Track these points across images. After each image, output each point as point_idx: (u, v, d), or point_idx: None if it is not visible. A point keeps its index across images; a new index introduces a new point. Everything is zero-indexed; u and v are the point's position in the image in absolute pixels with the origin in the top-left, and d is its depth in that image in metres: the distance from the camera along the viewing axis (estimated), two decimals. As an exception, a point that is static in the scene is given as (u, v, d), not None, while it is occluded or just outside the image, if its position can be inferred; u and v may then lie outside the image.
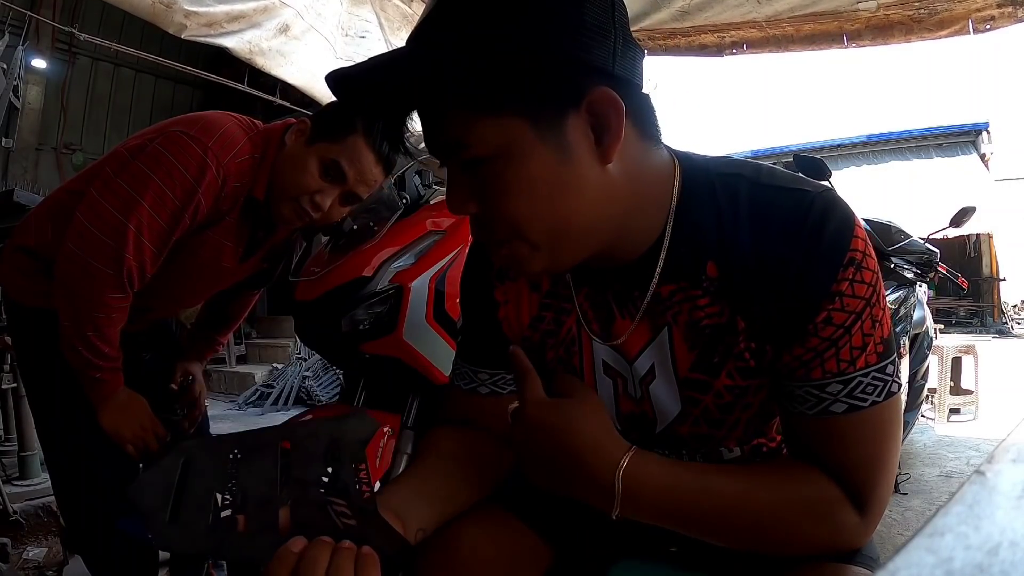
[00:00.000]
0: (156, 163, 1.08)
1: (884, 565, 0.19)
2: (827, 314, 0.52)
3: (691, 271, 0.57)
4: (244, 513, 0.51)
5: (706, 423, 0.60)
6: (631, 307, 0.60)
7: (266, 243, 1.32)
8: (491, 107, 0.50)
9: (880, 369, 0.53)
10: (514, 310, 0.69)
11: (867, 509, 0.55)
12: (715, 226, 0.56)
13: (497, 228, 0.54)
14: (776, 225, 0.54)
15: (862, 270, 0.52)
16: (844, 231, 0.53)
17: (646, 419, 0.63)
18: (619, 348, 0.62)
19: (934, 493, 2.39)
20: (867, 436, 0.54)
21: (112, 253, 1.06)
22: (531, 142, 0.50)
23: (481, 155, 0.51)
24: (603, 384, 0.64)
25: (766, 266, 0.54)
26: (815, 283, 0.52)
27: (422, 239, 1.37)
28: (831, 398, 0.53)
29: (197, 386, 1.45)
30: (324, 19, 3.21)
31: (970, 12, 2.42)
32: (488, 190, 0.53)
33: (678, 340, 0.59)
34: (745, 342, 0.56)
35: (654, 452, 0.64)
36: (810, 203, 0.54)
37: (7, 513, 1.92)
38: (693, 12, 2.82)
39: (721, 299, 0.56)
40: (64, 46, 5.01)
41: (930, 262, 2.59)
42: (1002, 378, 4.86)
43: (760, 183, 0.57)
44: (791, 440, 0.60)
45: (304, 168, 1.14)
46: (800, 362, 0.54)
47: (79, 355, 1.10)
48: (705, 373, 0.58)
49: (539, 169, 0.51)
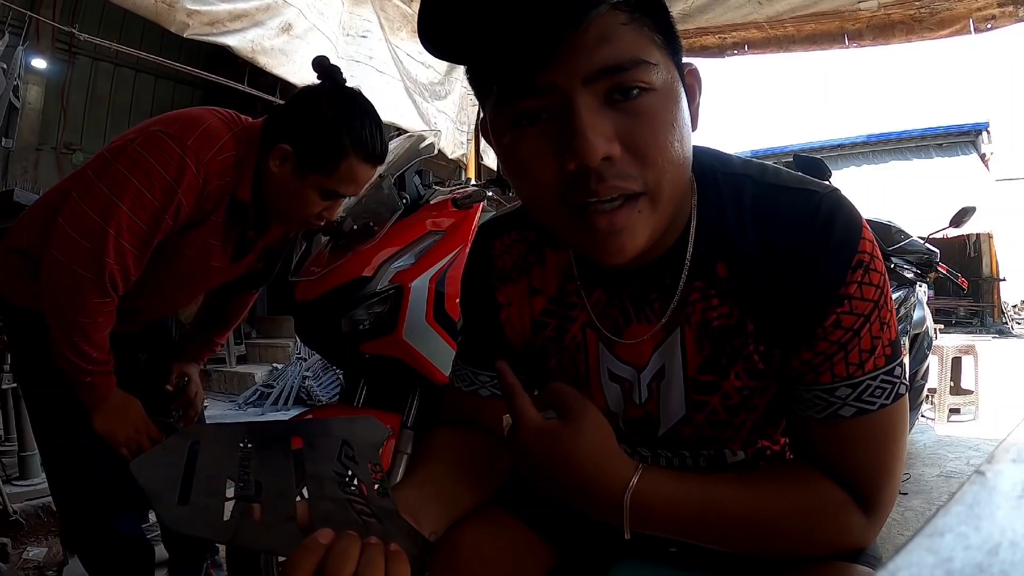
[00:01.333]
0: (135, 164, 1.06)
1: (884, 565, 0.19)
2: (836, 317, 0.52)
3: (707, 271, 0.57)
4: (259, 502, 0.51)
5: (710, 425, 0.60)
6: (648, 309, 0.60)
7: (259, 243, 1.31)
8: (665, 36, 0.50)
9: (888, 372, 0.53)
10: (516, 313, 0.68)
11: (874, 510, 0.55)
12: (722, 226, 0.56)
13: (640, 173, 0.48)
14: (782, 226, 0.53)
15: (870, 272, 0.52)
16: (852, 232, 0.52)
17: (650, 420, 0.63)
18: (629, 352, 0.61)
19: (934, 493, 2.39)
20: (875, 438, 0.54)
21: (93, 257, 1.05)
22: (679, 86, 0.51)
23: (649, 83, 0.47)
24: (610, 390, 0.64)
25: (773, 268, 0.53)
26: (823, 286, 0.52)
27: (422, 239, 1.37)
28: (840, 402, 0.53)
29: (193, 387, 1.44)
30: (326, 18, 3.21)
31: (971, 11, 2.42)
32: (642, 127, 0.47)
33: (690, 341, 0.58)
34: (754, 344, 0.56)
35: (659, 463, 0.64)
36: (817, 204, 0.53)
37: (7, 513, 1.92)
38: (695, 14, 2.82)
39: (730, 300, 0.56)
40: (64, 46, 5.01)
41: (930, 262, 2.59)
42: (1002, 378, 4.85)
43: (765, 183, 0.56)
44: (798, 442, 0.59)
45: (304, 200, 1.15)
46: (809, 367, 0.54)
47: (68, 360, 1.09)
48: (714, 374, 0.58)
49: (682, 116, 0.50)
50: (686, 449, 0.64)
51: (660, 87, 0.48)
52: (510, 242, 0.69)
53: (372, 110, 1.17)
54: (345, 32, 3.42)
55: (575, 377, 0.65)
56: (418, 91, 3.90)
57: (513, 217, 0.70)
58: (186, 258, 1.21)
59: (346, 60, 3.40)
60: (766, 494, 0.54)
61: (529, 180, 0.50)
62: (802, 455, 0.58)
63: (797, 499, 0.54)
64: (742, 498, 0.54)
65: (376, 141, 1.15)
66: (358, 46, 3.49)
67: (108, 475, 1.22)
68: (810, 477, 0.55)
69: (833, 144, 13.63)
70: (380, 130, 1.17)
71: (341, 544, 0.46)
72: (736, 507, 0.54)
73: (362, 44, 3.51)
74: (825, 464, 0.55)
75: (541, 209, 0.52)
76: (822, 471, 0.55)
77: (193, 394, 1.44)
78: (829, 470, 0.55)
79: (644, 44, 0.47)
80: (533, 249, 0.67)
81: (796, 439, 0.59)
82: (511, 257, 0.68)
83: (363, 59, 3.51)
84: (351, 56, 3.45)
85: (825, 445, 0.55)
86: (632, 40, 0.47)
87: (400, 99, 3.75)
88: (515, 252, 0.68)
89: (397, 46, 3.75)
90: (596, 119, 0.46)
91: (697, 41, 2.99)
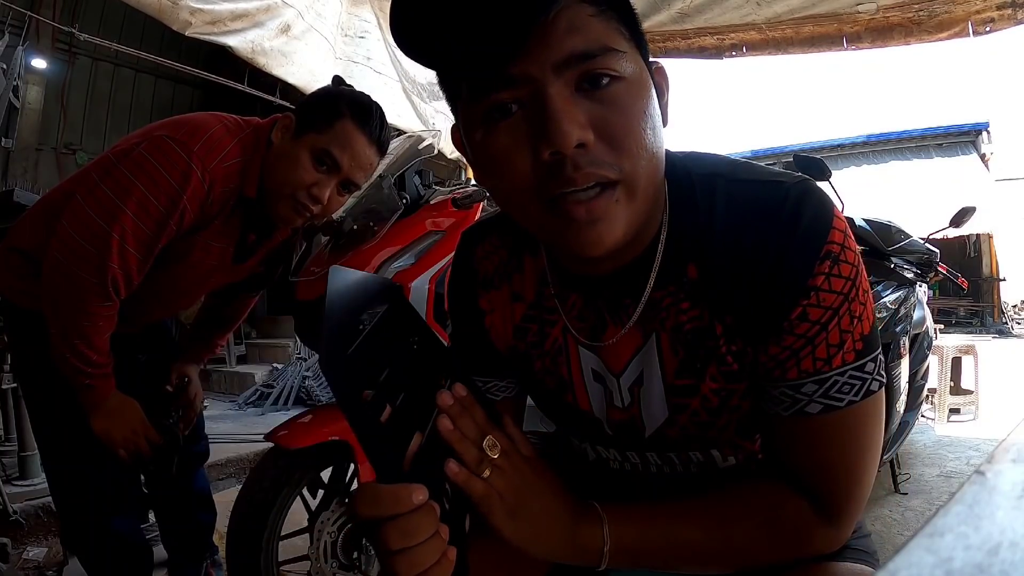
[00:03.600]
0: (140, 169, 1.05)
1: (884, 565, 0.19)
2: (802, 310, 0.51)
3: (677, 275, 0.56)
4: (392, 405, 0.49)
5: (695, 426, 0.60)
6: (622, 314, 0.59)
7: (262, 247, 1.31)
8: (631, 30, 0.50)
9: (858, 367, 0.52)
10: (500, 319, 0.68)
11: (837, 516, 0.55)
12: (695, 227, 0.55)
13: (615, 160, 0.48)
14: (751, 218, 0.53)
15: (840, 263, 0.50)
16: (820, 223, 0.51)
17: (635, 424, 0.63)
18: (607, 356, 0.61)
19: (934, 493, 2.39)
20: (842, 437, 0.53)
21: (96, 261, 1.04)
22: (648, 78, 0.51)
23: (619, 72, 0.48)
24: (594, 391, 0.64)
25: (741, 260, 0.53)
26: (789, 277, 0.51)
27: (422, 239, 1.37)
28: (806, 399, 0.52)
29: (192, 388, 1.44)
30: (324, 19, 3.21)
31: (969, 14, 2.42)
32: (614, 115, 0.47)
33: (665, 346, 0.58)
34: (726, 344, 0.55)
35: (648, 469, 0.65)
36: (784, 194, 0.52)
37: (7, 513, 1.92)
38: (693, 14, 2.82)
39: (701, 302, 0.56)
40: (64, 46, 5.00)
41: (930, 262, 2.59)
42: (1002, 378, 4.86)
43: (736, 179, 0.56)
44: (767, 443, 0.59)
45: (296, 163, 1.11)
46: (776, 362, 0.53)
47: (67, 362, 1.09)
48: (690, 377, 0.58)
49: (653, 107, 0.50)
50: (673, 451, 0.64)
51: (630, 76, 0.48)
52: (491, 248, 0.68)
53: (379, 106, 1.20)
54: (343, 33, 3.42)
55: (559, 380, 0.65)
56: (416, 91, 3.90)
57: (493, 222, 0.70)
58: (187, 262, 1.21)
59: (344, 61, 3.40)
60: (726, 519, 0.55)
61: (504, 175, 0.49)
62: (770, 457, 0.59)
63: (757, 520, 0.55)
64: (704, 530, 0.55)
65: (375, 115, 1.15)
66: (356, 47, 3.50)
67: (107, 476, 1.22)
68: (770, 493, 0.56)
69: (833, 144, 13.63)
70: (382, 115, 1.18)
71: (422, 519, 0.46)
72: (698, 538, 0.55)
73: (360, 45, 3.51)
74: (791, 465, 0.55)
75: (516, 206, 0.51)
76: (785, 479, 0.56)
77: (193, 395, 1.44)
78: (794, 473, 0.55)
79: (612, 34, 0.48)
80: (513, 255, 0.67)
81: (766, 439, 0.59)
82: (492, 263, 0.68)
83: (361, 60, 3.51)
84: (349, 57, 3.45)
85: (792, 444, 0.55)
86: (600, 30, 0.47)
87: (398, 100, 3.75)
88: (496, 258, 0.68)
89: (395, 46, 3.75)
90: (568, 106, 0.46)
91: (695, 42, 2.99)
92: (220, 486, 2.60)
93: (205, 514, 1.54)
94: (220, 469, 2.72)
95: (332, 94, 1.17)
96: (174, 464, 1.39)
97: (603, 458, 0.70)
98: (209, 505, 1.56)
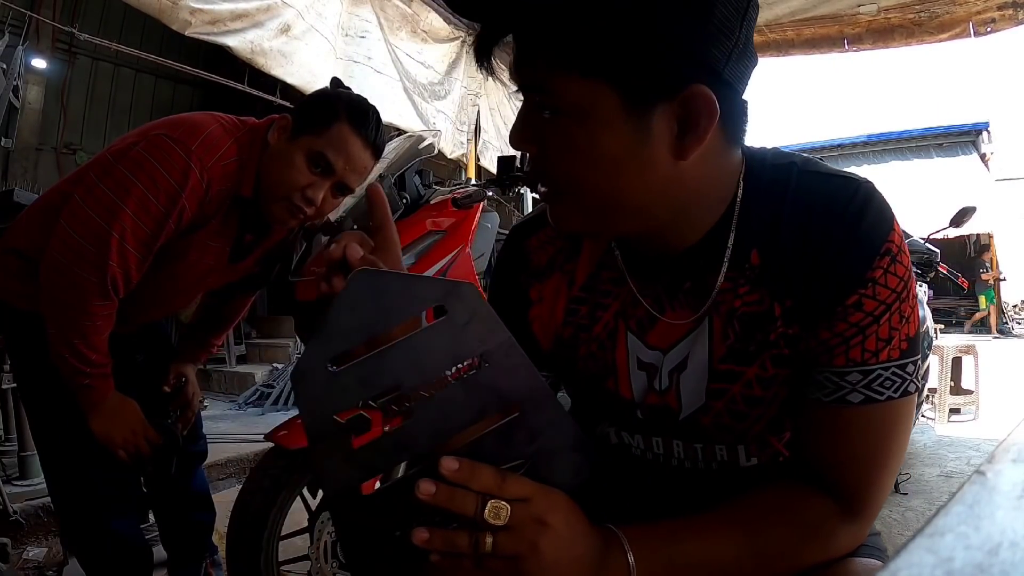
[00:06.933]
0: (139, 168, 1.05)
1: (884, 565, 0.19)
2: (858, 298, 0.53)
3: (739, 262, 0.58)
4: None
5: (729, 415, 0.60)
6: (682, 298, 0.60)
7: (259, 247, 1.31)
8: (585, 67, 0.49)
9: (901, 366, 0.54)
10: (548, 308, 0.68)
11: (861, 510, 0.56)
12: (764, 212, 0.57)
13: (547, 180, 0.54)
14: (819, 207, 0.55)
15: (897, 263, 0.53)
16: (883, 222, 0.54)
17: (669, 410, 0.63)
18: (656, 337, 0.62)
19: (934, 493, 2.39)
20: (877, 430, 0.55)
21: (95, 260, 1.04)
22: (614, 114, 0.49)
23: (558, 107, 0.50)
24: (637, 379, 0.64)
25: (806, 246, 0.55)
26: (850, 266, 0.53)
27: (422, 239, 1.37)
28: (849, 387, 0.54)
29: (190, 387, 1.44)
30: (325, 19, 3.21)
31: (970, 15, 2.42)
32: (553, 143, 0.52)
33: (717, 330, 0.59)
34: (784, 327, 0.56)
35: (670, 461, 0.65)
36: (855, 190, 0.55)
37: (7, 513, 1.91)
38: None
39: (761, 286, 0.57)
40: (64, 46, 5.00)
41: (930, 262, 2.59)
42: (1002, 378, 4.86)
43: (808, 170, 0.58)
44: (797, 435, 0.60)
45: (291, 164, 1.12)
46: (825, 347, 0.55)
47: (66, 362, 1.08)
48: (738, 363, 0.58)
49: (611, 143, 0.50)
50: (701, 441, 0.63)
51: (580, 114, 0.50)
52: (546, 238, 0.70)
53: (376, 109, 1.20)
54: (344, 32, 3.42)
55: (603, 365, 0.65)
56: (417, 91, 3.90)
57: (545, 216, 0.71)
58: (185, 262, 1.21)
59: (344, 61, 3.40)
60: (753, 529, 0.54)
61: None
62: (797, 453, 0.59)
63: (785, 524, 0.55)
64: (731, 541, 0.54)
65: (371, 119, 1.15)
66: (357, 47, 3.49)
67: (106, 476, 1.22)
68: (793, 495, 0.56)
69: (833, 144, 13.65)
70: (379, 119, 1.18)
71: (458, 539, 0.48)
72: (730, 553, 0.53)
73: (361, 44, 3.51)
74: (820, 457, 0.56)
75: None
76: (808, 478, 0.56)
77: (190, 395, 1.44)
78: (821, 468, 0.56)
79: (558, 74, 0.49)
80: (571, 242, 0.68)
81: (798, 430, 0.60)
82: (546, 253, 0.69)
83: (362, 59, 3.51)
84: (350, 56, 3.45)
85: (826, 434, 0.56)
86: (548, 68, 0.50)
87: (399, 99, 3.75)
88: (551, 248, 0.69)
89: (396, 46, 3.75)
90: (522, 118, 0.54)
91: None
92: (220, 486, 2.60)
93: (204, 514, 1.54)
94: (220, 469, 2.72)
95: (329, 96, 1.18)
96: (173, 464, 1.39)
97: (625, 443, 0.69)
98: (208, 505, 1.56)
